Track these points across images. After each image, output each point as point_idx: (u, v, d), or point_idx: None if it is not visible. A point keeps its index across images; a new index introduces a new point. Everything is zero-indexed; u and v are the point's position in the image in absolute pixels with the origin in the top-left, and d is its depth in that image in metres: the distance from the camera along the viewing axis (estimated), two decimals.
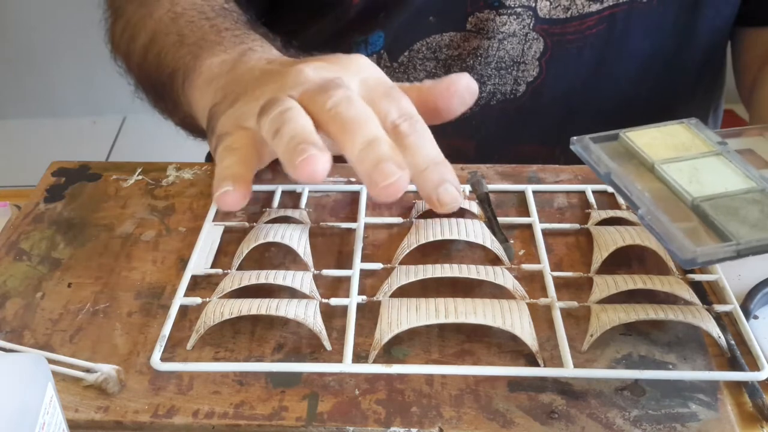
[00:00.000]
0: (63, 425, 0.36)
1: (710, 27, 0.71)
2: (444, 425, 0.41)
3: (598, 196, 0.57)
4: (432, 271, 0.49)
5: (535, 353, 0.44)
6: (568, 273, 0.50)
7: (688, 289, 0.48)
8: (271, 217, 0.55)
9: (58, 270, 0.53)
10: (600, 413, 0.42)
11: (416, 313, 0.45)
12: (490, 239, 0.52)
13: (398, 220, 0.55)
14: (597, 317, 0.46)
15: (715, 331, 0.45)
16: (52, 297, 0.51)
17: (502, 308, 0.46)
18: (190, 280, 0.50)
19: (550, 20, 0.67)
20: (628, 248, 0.51)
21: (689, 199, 0.44)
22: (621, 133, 0.49)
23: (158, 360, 0.45)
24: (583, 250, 0.53)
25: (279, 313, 0.46)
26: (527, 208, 0.56)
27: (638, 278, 0.48)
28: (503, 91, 0.70)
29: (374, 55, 0.71)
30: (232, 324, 0.47)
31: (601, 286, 0.48)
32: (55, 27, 2.10)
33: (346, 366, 0.44)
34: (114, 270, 0.53)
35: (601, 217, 0.54)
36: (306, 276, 0.49)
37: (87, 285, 0.51)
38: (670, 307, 0.46)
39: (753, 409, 0.43)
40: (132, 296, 0.50)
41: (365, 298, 0.48)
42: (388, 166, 0.40)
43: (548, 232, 0.54)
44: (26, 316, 0.49)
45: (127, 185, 0.61)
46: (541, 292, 0.49)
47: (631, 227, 0.52)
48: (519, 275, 0.50)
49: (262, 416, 0.42)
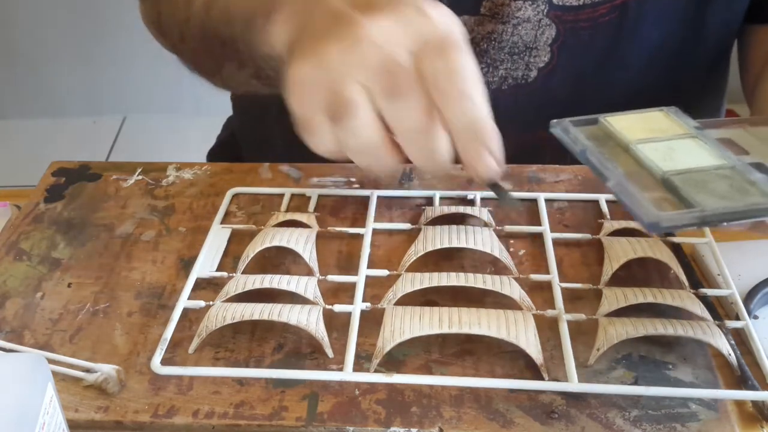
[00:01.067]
0: (63, 425, 0.36)
1: (720, 21, 0.71)
2: (444, 425, 0.41)
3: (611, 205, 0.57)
4: (438, 280, 0.48)
5: (539, 366, 0.44)
6: (577, 284, 0.50)
7: (699, 304, 0.47)
8: (279, 221, 0.55)
9: (58, 270, 0.53)
10: (600, 413, 0.42)
11: (419, 322, 0.45)
12: (499, 248, 0.51)
13: (407, 226, 0.55)
14: (605, 331, 0.45)
15: (726, 348, 0.44)
16: (52, 297, 0.51)
17: (507, 319, 0.45)
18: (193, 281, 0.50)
19: (564, 7, 0.67)
20: (639, 260, 0.50)
21: (660, 173, 0.44)
22: (600, 118, 0.50)
23: (158, 364, 0.44)
24: (594, 261, 0.52)
25: (281, 319, 0.45)
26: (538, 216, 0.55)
27: (648, 292, 0.47)
28: (515, 76, 0.71)
29: None
30: (233, 324, 0.47)
31: (610, 298, 0.47)
32: (56, 27, 2.10)
33: (347, 374, 0.43)
34: (114, 270, 0.53)
35: (614, 227, 0.54)
36: (311, 281, 0.49)
37: (87, 285, 0.51)
38: (680, 322, 0.45)
39: (753, 409, 0.43)
40: (132, 296, 0.50)
41: (369, 306, 0.48)
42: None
43: (559, 241, 0.54)
44: (26, 316, 0.49)
45: (127, 185, 0.61)
46: (549, 303, 0.49)
47: (643, 239, 0.52)
48: (527, 285, 0.50)
49: (262, 416, 0.42)
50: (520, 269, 0.51)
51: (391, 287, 0.48)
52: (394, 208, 0.57)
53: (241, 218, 0.57)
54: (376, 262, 0.52)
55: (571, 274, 0.51)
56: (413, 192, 0.58)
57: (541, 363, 0.44)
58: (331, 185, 0.59)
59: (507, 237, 0.54)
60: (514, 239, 0.54)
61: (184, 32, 0.65)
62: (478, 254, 0.52)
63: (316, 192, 0.58)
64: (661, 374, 0.44)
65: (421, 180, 0.60)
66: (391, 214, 0.57)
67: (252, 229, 0.55)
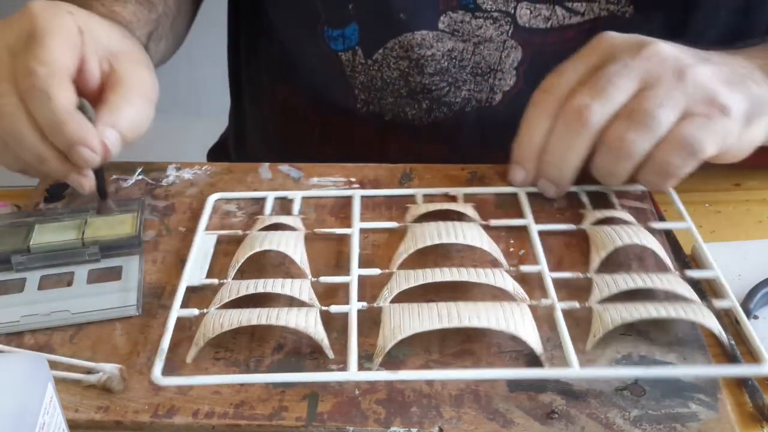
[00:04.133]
0: (63, 425, 0.36)
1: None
2: (444, 425, 0.41)
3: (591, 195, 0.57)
4: (432, 276, 0.48)
5: (539, 355, 0.44)
6: (567, 274, 0.50)
7: (688, 287, 0.48)
8: (264, 225, 0.54)
9: None
10: (600, 413, 0.42)
11: (419, 318, 0.45)
12: (488, 242, 0.51)
13: (393, 225, 0.55)
14: (599, 317, 0.46)
15: (717, 327, 0.45)
16: None
17: (505, 311, 0.45)
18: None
19: (530, 29, 0.66)
20: (624, 247, 0.51)
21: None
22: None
23: (159, 375, 0.43)
24: (580, 251, 0.53)
25: (280, 322, 0.45)
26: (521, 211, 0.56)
27: (638, 277, 0.48)
28: (478, 98, 0.70)
29: (350, 50, 0.70)
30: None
31: (601, 286, 0.48)
32: None
33: (352, 374, 0.43)
34: None
35: (596, 217, 0.54)
36: (304, 284, 0.49)
37: None
38: (672, 304, 0.46)
39: (753, 409, 0.43)
40: None
41: (365, 305, 0.48)
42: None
43: (543, 233, 0.54)
44: None
45: (128, 185, 0.61)
46: (540, 293, 0.49)
47: (626, 226, 0.52)
48: (516, 277, 0.50)
49: (262, 416, 0.42)
50: (508, 263, 0.51)
51: (386, 286, 0.48)
52: (378, 208, 0.57)
53: (241, 218, 0.57)
54: (365, 261, 0.52)
55: (559, 265, 0.52)
56: (395, 191, 0.58)
57: (541, 352, 0.44)
58: (331, 185, 0.59)
59: (493, 231, 0.54)
60: (499, 233, 0.54)
61: None
62: (467, 249, 0.53)
63: (299, 195, 0.58)
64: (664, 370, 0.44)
65: (421, 180, 0.60)
66: (375, 213, 0.57)
67: (238, 235, 0.54)
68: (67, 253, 0.52)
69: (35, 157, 0.50)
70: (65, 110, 0.49)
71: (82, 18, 0.53)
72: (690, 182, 0.61)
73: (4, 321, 0.48)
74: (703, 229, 0.56)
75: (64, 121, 0.49)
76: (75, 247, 0.52)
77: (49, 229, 0.53)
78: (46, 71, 0.49)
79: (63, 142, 0.49)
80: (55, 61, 0.49)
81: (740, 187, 0.61)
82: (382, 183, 0.59)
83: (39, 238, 0.52)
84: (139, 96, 0.53)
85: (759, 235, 0.56)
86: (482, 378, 0.44)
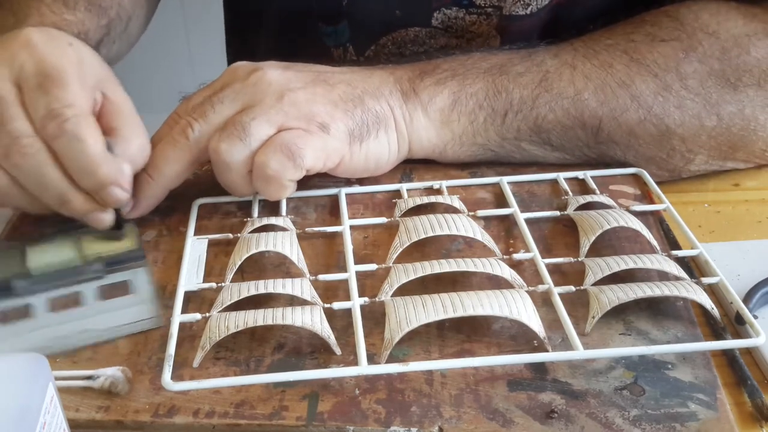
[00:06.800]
0: (64, 425, 0.36)
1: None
2: (444, 425, 0.41)
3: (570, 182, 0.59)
4: (430, 268, 0.48)
5: (542, 339, 0.45)
6: (558, 259, 0.51)
7: (676, 266, 0.49)
8: (254, 227, 0.54)
9: None
10: (599, 413, 0.42)
11: (424, 310, 0.45)
12: (480, 232, 0.52)
13: (383, 220, 0.55)
14: (596, 299, 0.46)
15: (708, 303, 0.46)
16: None
17: (506, 298, 0.46)
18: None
19: (510, 17, 0.66)
20: (609, 231, 0.52)
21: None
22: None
23: (170, 380, 0.43)
24: (567, 236, 0.54)
25: (286, 321, 0.45)
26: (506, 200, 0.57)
27: (628, 258, 0.49)
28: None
29: (341, 47, 0.70)
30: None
31: (594, 269, 0.49)
32: None
33: (363, 368, 0.43)
34: None
35: (579, 203, 0.56)
36: (304, 282, 0.49)
37: None
38: (664, 283, 0.47)
39: (752, 409, 0.43)
40: None
41: (367, 300, 0.48)
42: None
43: (530, 220, 0.55)
44: None
45: None
46: (534, 280, 0.49)
47: (611, 210, 0.54)
48: (510, 265, 0.50)
49: (262, 416, 0.42)
50: (500, 251, 0.52)
51: (386, 280, 0.48)
52: (378, 207, 0.58)
53: (241, 218, 0.57)
54: (364, 261, 0.52)
55: (546, 250, 0.53)
56: (380, 187, 0.59)
57: (544, 336, 0.45)
58: (331, 185, 0.59)
59: (479, 221, 0.55)
60: (487, 223, 0.55)
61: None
62: (461, 240, 0.53)
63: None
64: (660, 374, 0.44)
65: (421, 180, 0.60)
66: (375, 213, 0.57)
67: (229, 238, 0.54)
68: (69, 272, 0.51)
69: (57, 198, 0.50)
70: (99, 154, 0.49)
71: (78, 48, 0.53)
72: (689, 182, 0.61)
73: (35, 346, 0.46)
74: (702, 229, 0.56)
75: (98, 164, 0.49)
76: (77, 265, 0.51)
77: (42, 250, 0.52)
78: (74, 113, 0.48)
79: (94, 184, 0.49)
80: (79, 103, 0.49)
81: (739, 187, 0.61)
82: (382, 183, 0.60)
83: (37, 261, 0.51)
84: (140, 123, 0.54)
85: (758, 235, 0.56)
86: (491, 364, 0.44)
